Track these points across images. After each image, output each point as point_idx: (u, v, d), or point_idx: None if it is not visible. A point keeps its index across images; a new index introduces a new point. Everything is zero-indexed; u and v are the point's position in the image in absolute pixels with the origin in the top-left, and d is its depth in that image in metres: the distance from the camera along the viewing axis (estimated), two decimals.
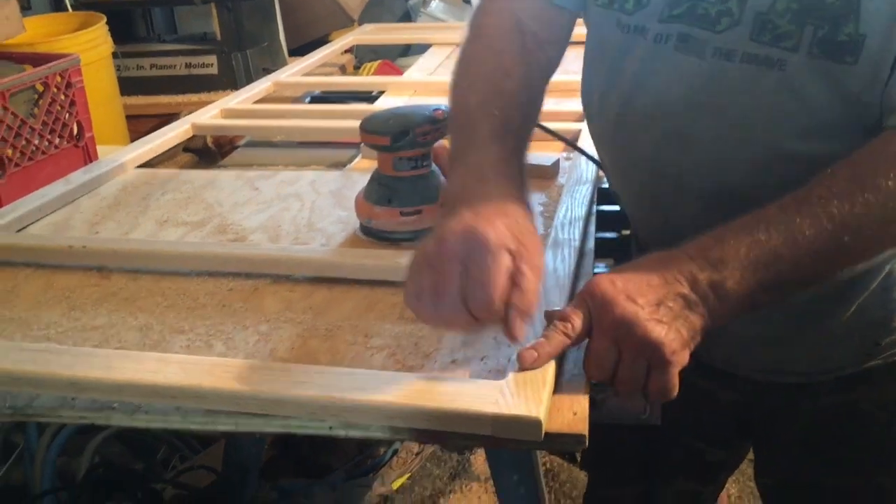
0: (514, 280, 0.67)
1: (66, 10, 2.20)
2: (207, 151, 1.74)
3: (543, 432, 0.65)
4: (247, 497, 1.50)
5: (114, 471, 1.56)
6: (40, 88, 1.55)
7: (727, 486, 1.33)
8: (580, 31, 0.91)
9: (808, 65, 0.72)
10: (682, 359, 0.67)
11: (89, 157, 1.66)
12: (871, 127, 0.72)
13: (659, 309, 0.66)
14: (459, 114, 0.84)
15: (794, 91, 0.73)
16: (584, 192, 1.07)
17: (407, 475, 1.88)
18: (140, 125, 2.18)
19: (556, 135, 1.01)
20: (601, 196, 1.09)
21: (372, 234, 1.03)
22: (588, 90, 0.90)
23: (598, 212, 1.07)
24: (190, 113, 2.15)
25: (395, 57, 3.16)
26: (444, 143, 1.07)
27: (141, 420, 0.72)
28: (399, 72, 2.83)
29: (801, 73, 0.72)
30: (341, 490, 1.76)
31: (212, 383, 0.70)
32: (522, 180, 0.77)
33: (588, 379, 0.71)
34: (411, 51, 3.13)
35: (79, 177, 1.20)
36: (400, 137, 0.99)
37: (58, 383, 0.72)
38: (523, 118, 0.83)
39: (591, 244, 0.98)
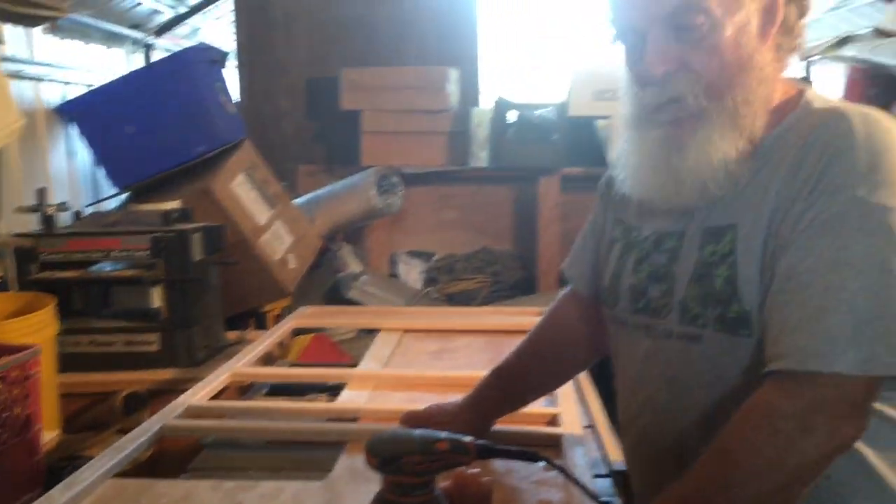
0: None
1: (7, 289, 2.16)
2: None
3: None
4: None
5: None
6: None
7: None
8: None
9: (716, 338, 0.93)
10: None
11: (33, 450, 1.57)
12: None
13: None
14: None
15: (712, 361, 0.93)
16: None
17: None
18: (72, 403, 2.09)
19: (551, 462, 1.05)
20: None
21: None
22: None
23: None
24: (125, 390, 2.10)
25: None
26: (469, 472, 1.07)
27: None
28: (334, 345, 2.87)
29: (713, 346, 0.93)
30: None
31: None
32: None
33: None
34: None
35: (58, 496, 1.12)
36: (389, 462, 0.99)
37: None
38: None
39: None
